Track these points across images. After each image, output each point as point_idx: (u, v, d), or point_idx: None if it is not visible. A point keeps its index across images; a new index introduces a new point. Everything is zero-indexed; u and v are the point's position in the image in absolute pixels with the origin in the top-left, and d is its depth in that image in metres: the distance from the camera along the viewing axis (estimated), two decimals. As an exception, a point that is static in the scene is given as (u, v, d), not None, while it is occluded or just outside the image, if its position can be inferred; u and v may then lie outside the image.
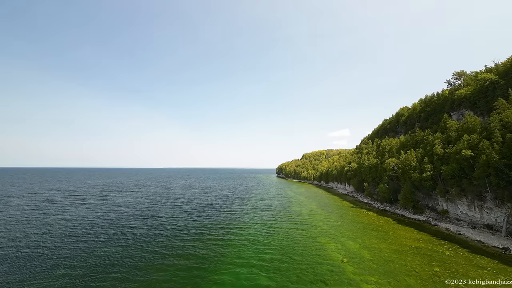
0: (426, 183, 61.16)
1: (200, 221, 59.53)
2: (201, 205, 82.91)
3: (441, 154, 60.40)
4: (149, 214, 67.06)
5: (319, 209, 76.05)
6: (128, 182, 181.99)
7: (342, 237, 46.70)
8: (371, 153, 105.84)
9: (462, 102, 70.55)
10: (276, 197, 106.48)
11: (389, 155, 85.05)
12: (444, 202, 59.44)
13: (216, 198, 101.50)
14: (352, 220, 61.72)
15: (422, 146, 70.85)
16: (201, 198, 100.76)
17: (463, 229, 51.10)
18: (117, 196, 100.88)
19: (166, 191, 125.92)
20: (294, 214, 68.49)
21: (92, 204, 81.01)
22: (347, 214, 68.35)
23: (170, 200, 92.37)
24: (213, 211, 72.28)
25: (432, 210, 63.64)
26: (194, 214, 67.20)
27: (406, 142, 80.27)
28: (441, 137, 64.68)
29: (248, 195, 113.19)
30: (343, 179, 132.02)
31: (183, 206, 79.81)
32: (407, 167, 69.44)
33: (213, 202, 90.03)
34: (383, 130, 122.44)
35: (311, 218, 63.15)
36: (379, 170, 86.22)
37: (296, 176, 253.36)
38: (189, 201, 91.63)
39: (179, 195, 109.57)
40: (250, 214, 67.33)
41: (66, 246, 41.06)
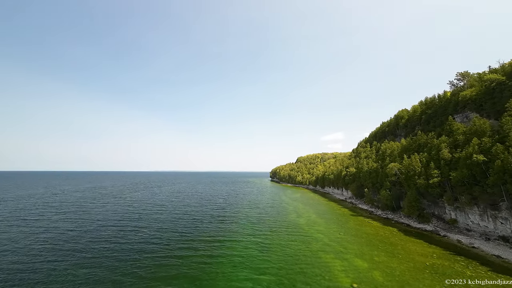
0: (433, 190, 56.98)
1: (188, 233, 53.12)
2: (190, 213, 76.23)
3: (448, 158, 56.49)
4: (131, 225, 60.09)
5: (318, 218, 70.80)
6: (112, 188, 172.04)
7: (348, 253, 41.38)
8: (370, 157, 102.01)
9: (467, 104, 67.41)
10: (271, 204, 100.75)
11: (390, 159, 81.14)
12: (452, 210, 55.30)
13: (207, 205, 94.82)
14: (355, 231, 56.66)
15: (426, 150, 67.05)
16: (191, 205, 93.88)
17: (476, 241, 46.78)
18: (96, 204, 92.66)
19: (152, 197, 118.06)
20: (291, 224, 62.92)
21: (66, 214, 72.91)
22: (349, 224, 63.34)
23: (156, 208, 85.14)
24: (203, 220, 65.83)
25: (439, 219, 59.44)
26: (182, 225, 60.64)
27: (408, 146, 76.55)
28: (447, 141, 60.96)
29: (242, 202, 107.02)
30: (340, 184, 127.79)
31: (169, 215, 72.95)
32: (411, 172, 65.33)
33: (203, 210, 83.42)
34: (382, 133, 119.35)
35: (310, 229, 57.71)
36: (380, 175, 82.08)
37: (291, 181, 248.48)
38: (177, 209, 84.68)
39: (166, 202, 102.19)
40: (244, 224, 61.32)
41: (23, 268, 33.97)
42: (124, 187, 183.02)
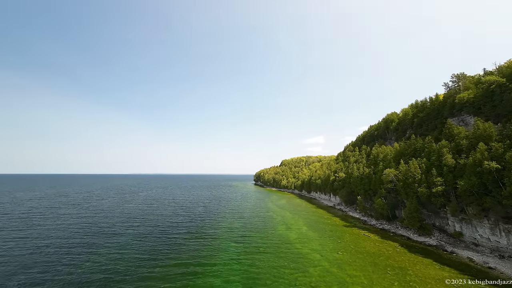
0: (436, 200, 51.72)
1: (156, 256, 42.54)
2: (163, 227, 64.95)
3: (452, 165, 51.68)
4: (86, 243, 48.28)
5: (310, 231, 63.12)
6: (77, 194, 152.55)
7: (354, 283, 33.59)
8: (360, 162, 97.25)
9: (464, 107, 64.13)
10: (257, 212, 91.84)
11: (384, 164, 76.20)
12: (457, 222, 50.29)
13: (184, 215, 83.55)
14: (354, 247, 49.52)
15: (424, 155, 62.43)
16: (165, 216, 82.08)
17: (490, 259, 41.51)
18: (48, 216, 77.55)
19: (122, 206, 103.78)
20: (281, 240, 54.47)
21: (4, 229, 58.22)
22: (345, 238, 56.26)
23: (122, 220, 72.48)
24: (177, 238, 55.17)
25: (441, 231, 54.40)
26: (150, 243, 49.69)
27: (403, 151, 71.98)
28: (448, 145, 56.50)
29: (224, 210, 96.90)
30: (328, 189, 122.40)
31: (137, 229, 61.25)
32: (409, 179, 60.13)
33: (179, 222, 72.36)
34: (370, 137, 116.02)
35: (303, 246, 49.61)
36: (373, 182, 76.79)
37: (275, 185, 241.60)
38: (148, 221, 72.75)
39: (137, 212, 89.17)
40: (226, 243, 51.72)
41: None
42: (92, 193, 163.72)
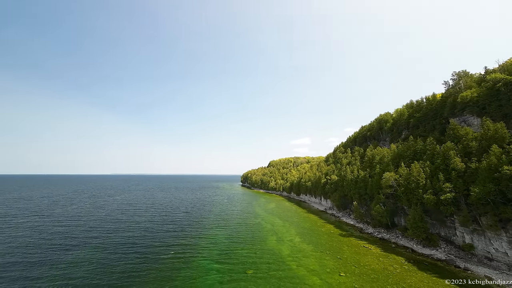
0: (445, 208, 46.37)
1: (108, 282, 33.27)
2: (133, 239, 55.16)
3: (462, 169, 46.63)
4: (27, 262, 37.70)
5: (304, 243, 56.03)
6: (42, 198, 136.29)
7: (367, 321, 26.56)
8: (354, 164, 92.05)
9: (467, 107, 60.04)
10: (244, 219, 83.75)
11: (381, 167, 70.99)
12: (467, 233, 45.17)
13: (162, 224, 73.68)
14: (355, 264, 42.84)
15: (427, 158, 57.49)
16: (141, 224, 71.86)
17: (510, 278, 36.40)
18: None
19: (91, 212, 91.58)
20: (272, 256, 46.78)
21: None
22: (344, 252, 49.61)
23: (86, 230, 61.55)
24: (147, 255, 45.85)
25: (448, 242, 49.25)
26: (108, 263, 40.04)
27: (402, 153, 66.99)
28: (453, 147, 51.64)
29: (208, 216, 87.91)
30: (319, 192, 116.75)
31: (104, 243, 51.11)
32: (412, 184, 54.81)
33: (156, 232, 62.68)
34: (362, 138, 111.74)
35: (298, 265, 42.21)
36: (370, 186, 71.34)
37: (263, 186, 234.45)
38: (120, 231, 62.36)
39: (109, 220, 77.93)
40: (206, 263, 43.19)
41: None
42: (62, 197, 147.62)
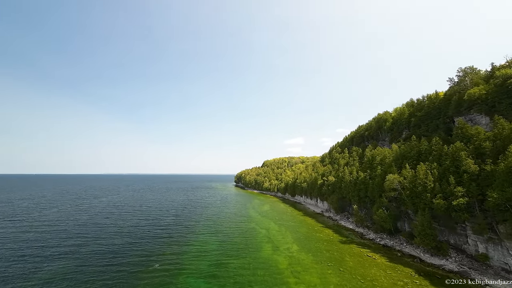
0: (458, 215, 42.38)
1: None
2: (116, 248, 49.03)
3: (475, 172, 42.76)
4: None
5: (302, 252, 51.22)
6: (21, 201, 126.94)
7: None
8: (353, 165, 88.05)
9: (474, 105, 56.57)
10: (237, 223, 78.47)
11: (382, 168, 67.03)
12: (481, 242, 41.30)
13: (149, 229, 67.47)
14: (363, 281, 38.13)
15: (433, 159, 53.62)
16: (124, 229, 65.57)
17: (535, 294, 32.56)
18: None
19: (73, 216, 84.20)
20: (268, 270, 41.68)
21: None
22: (347, 263, 45.05)
23: (65, 238, 54.83)
24: (131, 268, 39.97)
25: (458, 250, 45.39)
26: (87, 285, 34.09)
27: (406, 153, 63.11)
28: (463, 148, 47.82)
29: (198, 220, 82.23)
30: (315, 194, 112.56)
31: (81, 254, 44.71)
32: (418, 187, 50.78)
33: (140, 239, 56.63)
34: (360, 137, 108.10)
35: (298, 281, 37.25)
36: (371, 188, 67.26)
37: (257, 187, 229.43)
38: (100, 239, 55.92)
39: (90, 224, 71.06)
40: (194, 281, 37.71)
41: None
42: (44, 199, 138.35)
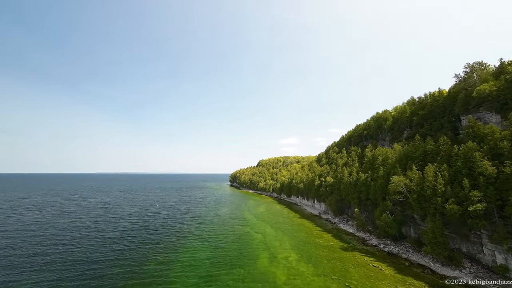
0: (475, 222, 38.50)
1: None
2: (95, 259, 43.31)
3: (493, 174, 38.94)
4: None
5: (302, 261, 46.62)
6: (0, 203, 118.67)
7: None
8: (352, 165, 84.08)
9: (483, 102, 53.01)
10: (231, 228, 73.47)
11: (385, 169, 63.13)
12: (500, 252, 37.48)
13: (135, 233, 61.75)
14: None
15: (441, 160, 49.80)
16: (108, 234, 59.61)
17: None
18: None
19: (54, 220, 77.45)
20: (265, 285, 36.93)
21: None
22: (351, 275, 40.69)
23: (39, 246, 48.61)
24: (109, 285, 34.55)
25: (472, 260, 41.64)
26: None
27: (410, 154, 59.29)
28: (476, 148, 44.05)
29: (190, 224, 76.95)
30: (312, 195, 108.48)
31: (52, 266, 38.82)
32: (427, 191, 46.84)
33: (124, 246, 50.97)
34: (358, 137, 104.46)
35: (299, 300, 32.70)
36: (373, 190, 63.28)
37: (252, 187, 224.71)
38: (78, 247, 50.00)
39: (70, 229, 64.69)
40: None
41: None
42: (27, 200, 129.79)
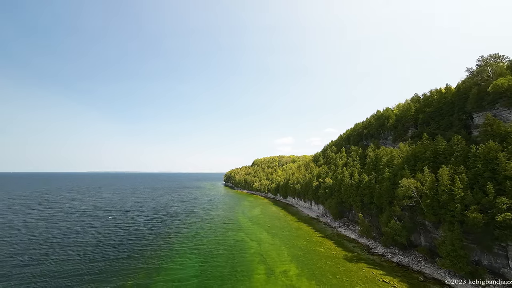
0: (502, 233, 33.79)
1: None
2: (66, 275, 36.73)
3: (522, 179, 34.29)
4: None
5: (303, 278, 41.12)
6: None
7: None
8: (353, 166, 79.24)
9: (500, 98, 48.60)
10: (223, 233, 67.56)
11: (391, 171, 58.37)
12: (530, 267, 33.06)
13: (118, 241, 55.12)
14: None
15: (456, 162, 45.12)
16: (87, 242, 52.74)
17: None
18: None
19: (29, 226, 69.82)
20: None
21: None
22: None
23: (2, 257, 41.70)
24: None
25: (494, 273, 37.05)
26: None
27: (419, 154, 54.57)
28: (499, 148, 39.42)
29: (180, 229, 70.83)
30: (310, 196, 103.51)
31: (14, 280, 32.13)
32: (443, 195, 42.05)
33: (102, 257, 44.42)
34: (357, 136, 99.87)
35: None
36: (378, 194, 58.46)
37: (247, 187, 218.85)
38: (51, 258, 43.17)
39: (45, 237, 57.48)
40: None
41: None
42: (6, 202, 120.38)
